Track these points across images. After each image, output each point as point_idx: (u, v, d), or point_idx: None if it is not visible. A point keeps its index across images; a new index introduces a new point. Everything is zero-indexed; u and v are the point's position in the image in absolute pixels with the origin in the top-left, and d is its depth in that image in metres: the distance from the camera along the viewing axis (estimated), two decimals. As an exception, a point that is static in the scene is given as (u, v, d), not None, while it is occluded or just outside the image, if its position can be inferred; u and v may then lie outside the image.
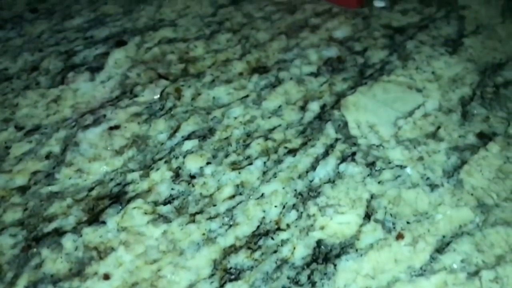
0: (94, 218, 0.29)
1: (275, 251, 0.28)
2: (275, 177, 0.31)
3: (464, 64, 0.39)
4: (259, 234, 0.28)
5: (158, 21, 0.43)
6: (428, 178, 0.31)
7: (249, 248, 0.28)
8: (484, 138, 0.34)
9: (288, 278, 0.27)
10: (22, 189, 0.30)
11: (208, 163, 0.32)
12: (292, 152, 0.32)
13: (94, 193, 0.30)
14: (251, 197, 0.30)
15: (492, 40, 0.42)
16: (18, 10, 0.44)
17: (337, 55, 0.40)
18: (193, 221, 0.29)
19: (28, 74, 0.38)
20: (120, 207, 0.29)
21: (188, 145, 0.33)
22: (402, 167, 0.32)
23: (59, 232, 0.28)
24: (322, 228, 0.29)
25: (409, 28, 0.43)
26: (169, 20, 0.43)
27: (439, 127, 0.34)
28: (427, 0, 0.46)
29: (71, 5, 0.45)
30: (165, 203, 0.30)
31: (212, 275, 0.27)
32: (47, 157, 0.32)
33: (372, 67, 0.39)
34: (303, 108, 0.36)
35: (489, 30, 0.43)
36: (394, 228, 0.29)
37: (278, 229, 0.29)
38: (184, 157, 0.32)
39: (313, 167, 0.31)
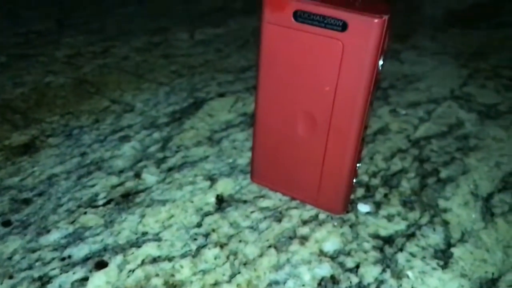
0: None
1: None
2: None
3: (458, 280, 0.39)
4: None
5: (141, 234, 0.41)
6: None
7: None
8: None
9: None
10: None
11: None
12: None
13: None
14: None
15: (480, 249, 0.42)
16: (-11, 224, 0.41)
17: (330, 274, 0.39)
18: None
19: (-5, 311, 0.34)
20: None
21: None
22: None
23: None
24: None
25: (397, 238, 0.42)
26: (153, 234, 0.41)
27: None
28: (409, 202, 0.47)
29: (48, 215, 0.43)
30: None
31: None
32: None
33: (368, 288, 0.38)
34: None
35: (475, 237, 0.43)
36: None
37: None
38: None
39: None
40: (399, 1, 1.00)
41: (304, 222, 0.44)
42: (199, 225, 0.43)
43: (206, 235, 0.42)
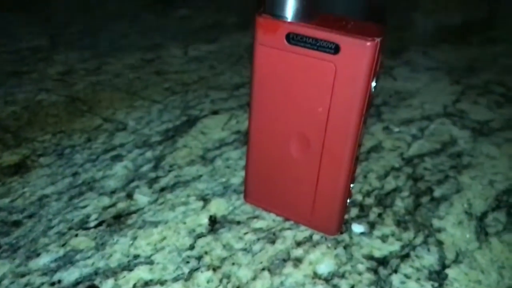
0: None
1: None
2: None
3: (453, 303, 0.38)
4: None
5: (133, 257, 0.41)
6: None
7: None
8: None
9: None
10: None
11: None
12: None
13: None
14: None
15: (475, 270, 0.42)
16: (-22, 248, 0.41)
17: (324, 297, 0.38)
18: None
19: None
20: None
21: None
22: None
23: None
24: None
25: (391, 259, 0.42)
26: (145, 256, 0.41)
27: None
28: (403, 222, 0.46)
29: (38, 238, 0.42)
30: None
31: None
32: None
33: (363, 311, 0.37)
34: None
35: (469, 257, 0.43)
36: None
37: None
38: None
39: None
40: (391, 17, 1.01)
41: (298, 244, 0.43)
42: (191, 247, 0.42)
43: (199, 258, 0.41)
